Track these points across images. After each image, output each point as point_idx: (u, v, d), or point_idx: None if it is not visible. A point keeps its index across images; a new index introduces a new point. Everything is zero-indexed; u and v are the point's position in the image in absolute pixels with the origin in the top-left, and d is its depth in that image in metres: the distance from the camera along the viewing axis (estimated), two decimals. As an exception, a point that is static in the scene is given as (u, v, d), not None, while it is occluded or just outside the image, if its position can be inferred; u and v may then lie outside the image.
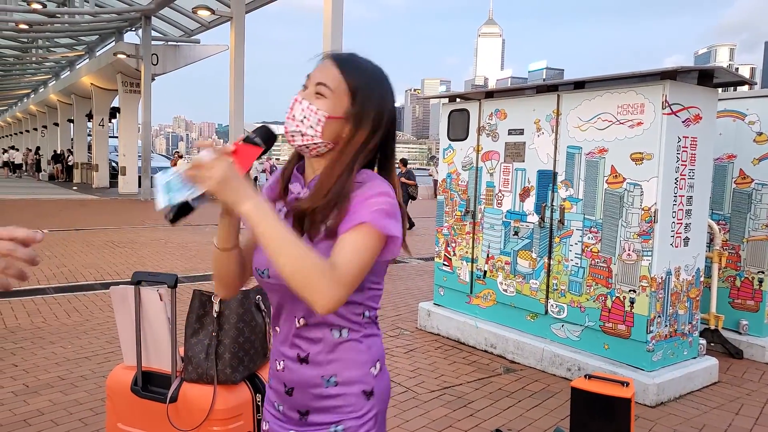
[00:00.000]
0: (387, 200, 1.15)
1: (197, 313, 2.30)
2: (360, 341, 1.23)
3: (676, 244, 3.92)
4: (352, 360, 1.22)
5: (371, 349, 1.25)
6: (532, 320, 4.57)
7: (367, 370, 1.23)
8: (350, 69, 1.20)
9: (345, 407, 1.22)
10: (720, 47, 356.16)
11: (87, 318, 5.41)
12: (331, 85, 1.18)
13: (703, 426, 3.52)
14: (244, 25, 13.79)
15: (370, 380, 1.24)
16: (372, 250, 1.13)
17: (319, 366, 1.22)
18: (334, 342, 1.22)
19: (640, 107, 3.82)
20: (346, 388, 1.22)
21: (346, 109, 1.19)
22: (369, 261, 1.13)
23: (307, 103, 1.18)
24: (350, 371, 1.22)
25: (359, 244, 1.11)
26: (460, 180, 5.17)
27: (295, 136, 1.20)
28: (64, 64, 28.78)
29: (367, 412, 1.23)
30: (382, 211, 1.13)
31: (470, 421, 3.48)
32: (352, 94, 1.19)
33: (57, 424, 3.28)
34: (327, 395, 1.22)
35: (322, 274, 1.05)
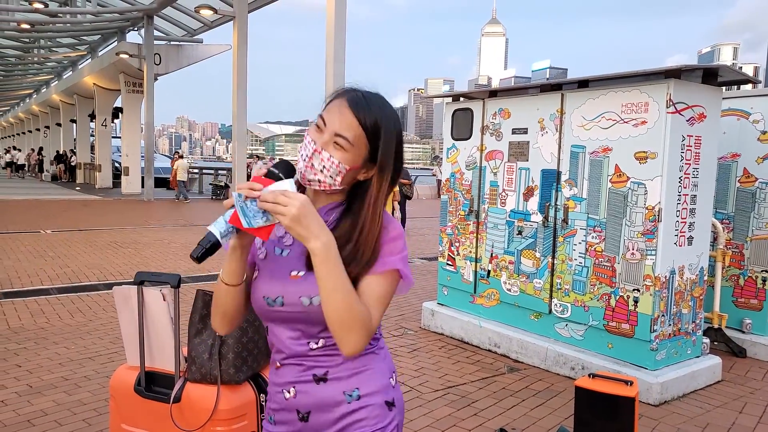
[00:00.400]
0: (405, 244, 1.25)
1: (200, 313, 2.29)
2: (377, 353, 1.27)
3: (680, 243, 3.91)
4: (374, 370, 1.24)
5: (387, 359, 1.30)
6: (536, 319, 4.57)
7: (387, 380, 1.26)
8: (368, 116, 1.19)
9: (368, 420, 1.21)
10: (724, 46, 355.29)
11: (90, 318, 5.42)
12: (350, 137, 1.18)
13: (706, 425, 3.51)
14: (247, 24, 13.79)
15: (390, 390, 1.26)
16: (393, 294, 1.23)
17: (339, 382, 1.22)
18: (355, 357, 1.22)
19: (645, 106, 3.81)
20: (370, 399, 1.22)
21: (365, 157, 1.21)
22: (389, 302, 1.23)
23: (327, 155, 1.18)
24: (372, 382, 1.23)
25: (388, 292, 1.21)
26: (463, 179, 5.16)
27: (312, 183, 1.22)
28: (67, 64, 28.84)
29: (389, 423, 1.23)
30: (405, 258, 1.23)
31: (474, 421, 3.47)
32: (371, 143, 1.20)
33: (61, 424, 3.28)
34: (349, 411, 1.21)
35: (363, 327, 1.14)
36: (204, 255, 1.11)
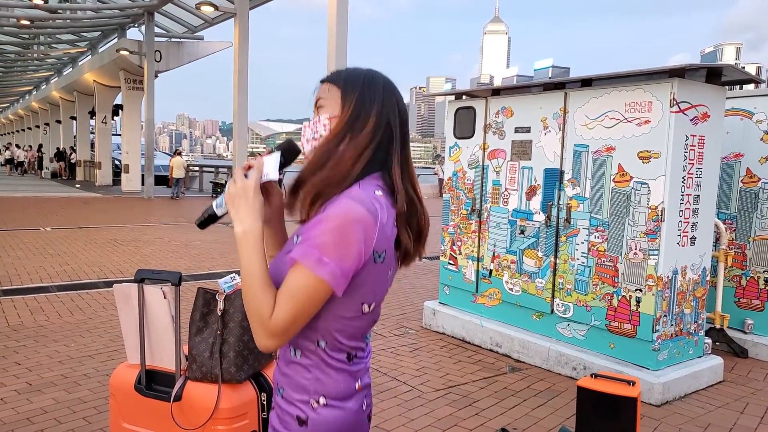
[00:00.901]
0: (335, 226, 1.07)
1: (201, 311, 2.28)
2: (308, 369, 1.18)
3: (683, 243, 3.89)
4: (295, 382, 1.21)
5: (319, 381, 1.18)
6: (538, 319, 4.55)
7: (305, 398, 1.19)
8: (334, 75, 1.25)
9: (285, 423, 1.21)
10: (726, 46, 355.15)
11: (90, 316, 5.41)
12: (324, 94, 1.24)
13: (708, 425, 3.50)
14: (248, 21, 13.75)
15: (306, 409, 1.19)
16: (308, 293, 1.08)
17: (278, 373, 1.27)
18: (288, 358, 1.22)
19: (648, 105, 3.79)
20: (286, 405, 1.22)
21: (340, 102, 1.21)
22: (306, 305, 1.09)
23: (313, 120, 1.25)
24: (291, 391, 1.21)
25: (294, 288, 1.08)
26: (466, 178, 5.14)
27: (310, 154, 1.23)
28: (66, 61, 28.78)
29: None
30: (320, 246, 1.07)
31: (475, 420, 3.46)
32: (338, 87, 1.22)
33: (60, 422, 3.27)
34: (277, 403, 1.25)
35: (260, 323, 1.10)
36: (204, 222, 1.26)
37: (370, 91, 1.21)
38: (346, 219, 1.07)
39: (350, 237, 1.07)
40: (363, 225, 1.08)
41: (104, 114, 23.82)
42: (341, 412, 1.19)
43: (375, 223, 1.10)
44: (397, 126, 1.22)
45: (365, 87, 1.21)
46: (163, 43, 19.92)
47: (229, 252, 9.13)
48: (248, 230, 1.13)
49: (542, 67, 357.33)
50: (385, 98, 1.22)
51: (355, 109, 1.18)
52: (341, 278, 1.08)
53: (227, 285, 2.25)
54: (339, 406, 1.19)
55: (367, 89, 1.21)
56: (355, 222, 1.08)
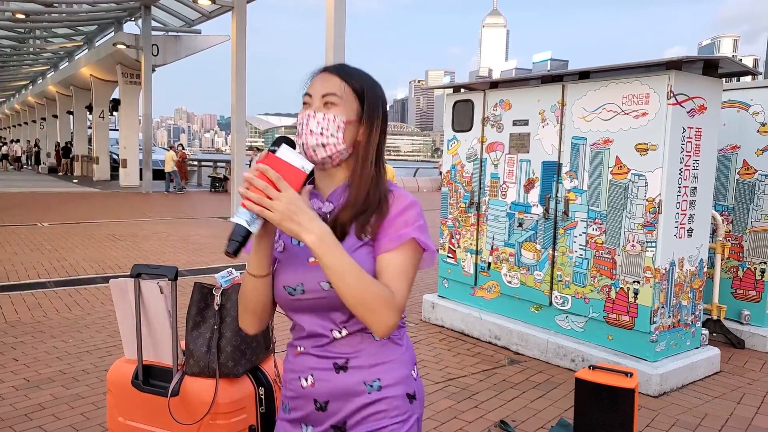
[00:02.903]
0: (420, 212, 1.22)
1: (198, 305, 2.27)
2: (399, 343, 1.26)
3: (680, 235, 3.90)
4: (395, 362, 1.22)
5: (409, 350, 1.28)
6: (537, 312, 4.56)
7: (408, 372, 1.25)
8: (349, 75, 1.23)
9: (389, 411, 1.20)
10: (724, 38, 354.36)
11: (88, 312, 5.41)
12: (338, 92, 1.21)
13: (705, 415, 3.52)
14: (246, 15, 13.69)
15: (412, 383, 1.24)
16: (416, 266, 1.20)
17: (360, 371, 1.20)
18: (377, 345, 1.21)
19: (645, 97, 3.78)
20: (391, 391, 1.20)
21: (357, 111, 1.22)
22: (414, 277, 1.20)
23: (322, 114, 1.19)
24: (394, 373, 1.22)
25: (408, 265, 1.17)
26: (464, 171, 5.14)
27: (317, 150, 1.20)
28: (63, 55, 28.63)
29: (410, 416, 1.22)
30: (422, 227, 1.20)
31: (474, 413, 3.47)
32: (359, 96, 1.23)
33: (58, 418, 3.27)
34: (370, 402, 1.20)
35: (386, 304, 1.11)
36: (239, 247, 1.09)
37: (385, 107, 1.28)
38: (419, 203, 1.23)
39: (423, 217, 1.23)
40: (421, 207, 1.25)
41: (101, 108, 23.71)
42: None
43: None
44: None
45: (384, 105, 1.27)
46: (161, 37, 19.81)
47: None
48: (322, 235, 1.08)
49: (540, 59, 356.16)
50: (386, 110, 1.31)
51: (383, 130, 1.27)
52: (432, 251, 1.21)
53: (224, 280, 2.25)
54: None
55: (384, 106, 1.28)
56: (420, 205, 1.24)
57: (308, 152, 1.20)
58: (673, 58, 3.72)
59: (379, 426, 1.19)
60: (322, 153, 1.20)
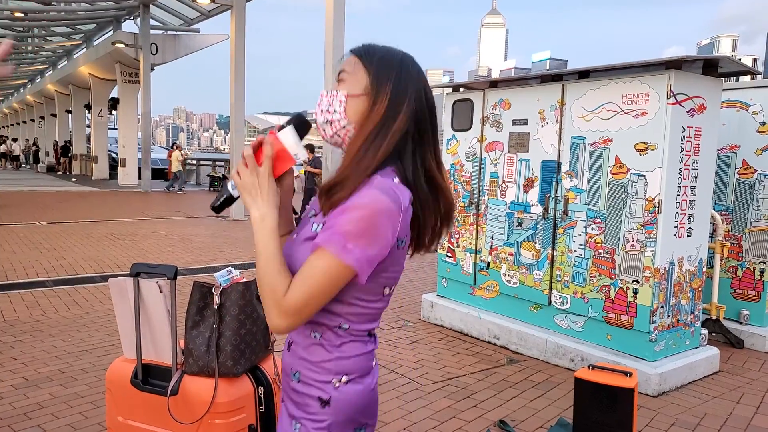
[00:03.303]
0: (361, 216, 1.07)
1: (198, 304, 2.27)
2: (329, 350, 1.20)
3: (680, 234, 3.90)
4: (315, 364, 1.21)
5: (340, 361, 1.20)
6: (536, 311, 4.56)
7: (327, 378, 1.20)
8: (365, 50, 1.21)
9: (303, 406, 1.22)
10: (723, 38, 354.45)
11: (87, 311, 5.40)
12: (348, 68, 1.20)
13: (704, 415, 3.52)
14: (245, 13, 13.67)
15: (328, 389, 1.20)
16: (329, 277, 1.09)
17: (293, 357, 1.25)
18: (308, 341, 1.22)
19: (645, 97, 3.78)
20: (305, 388, 1.22)
21: (365, 85, 1.18)
22: (326, 287, 1.09)
23: (327, 91, 1.21)
24: (311, 373, 1.21)
25: (314, 271, 1.09)
26: (463, 171, 5.13)
27: (325, 128, 1.21)
28: (61, 54, 28.57)
29: (321, 420, 1.21)
30: (347, 234, 1.07)
31: (474, 412, 3.47)
32: (368, 70, 1.18)
33: (57, 417, 3.27)
34: (293, 388, 1.25)
35: (274, 302, 1.11)
36: (221, 206, 1.23)
37: (403, 83, 1.17)
38: (374, 210, 1.08)
39: (378, 227, 1.08)
40: (389, 215, 1.09)
41: (100, 107, 23.67)
42: (361, 387, 1.22)
43: (399, 211, 1.11)
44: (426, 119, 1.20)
45: (399, 77, 1.17)
46: (159, 36, 19.78)
47: (226, 246, 9.12)
48: (265, 216, 1.15)
49: (540, 59, 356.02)
50: (418, 89, 1.19)
51: (390, 105, 1.16)
52: (366, 265, 1.09)
53: (224, 279, 2.24)
54: (360, 382, 1.22)
55: (402, 80, 1.17)
56: (382, 213, 1.08)
57: (320, 132, 1.22)
58: (672, 58, 3.71)
59: (297, 415, 1.22)
60: (329, 130, 1.20)
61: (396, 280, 1.22)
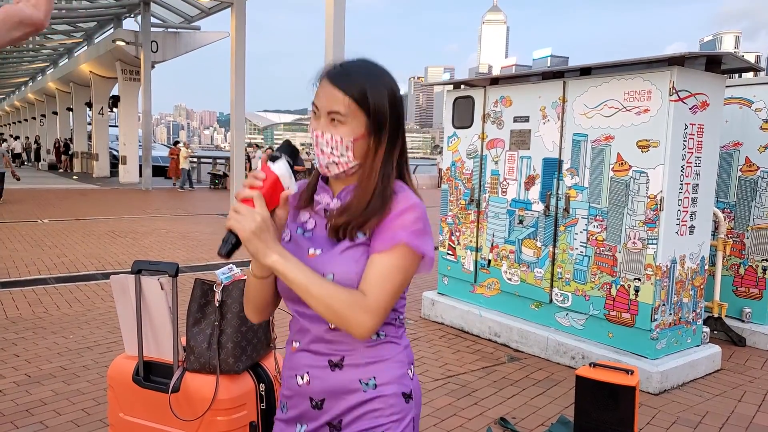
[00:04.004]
0: (420, 215, 1.18)
1: (199, 302, 2.27)
2: (396, 342, 1.25)
3: (682, 232, 3.89)
4: (391, 360, 1.22)
5: (406, 350, 1.28)
6: (537, 309, 4.55)
7: (405, 371, 1.24)
8: (351, 85, 1.18)
9: (384, 410, 1.19)
10: (725, 34, 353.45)
11: (89, 308, 5.40)
12: (341, 110, 1.18)
13: (705, 413, 3.51)
14: (245, 11, 13.66)
15: (408, 382, 1.23)
16: (407, 270, 1.17)
17: (355, 369, 1.20)
18: (373, 343, 1.21)
19: (647, 94, 3.77)
20: (386, 389, 1.20)
21: (366, 125, 1.20)
22: (403, 282, 1.17)
23: (329, 135, 1.19)
24: (390, 372, 1.21)
25: (393, 268, 1.15)
26: (464, 168, 5.13)
27: (330, 167, 1.22)
28: (62, 52, 28.57)
29: (406, 416, 1.21)
30: (419, 231, 1.17)
31: (474, 410, 3.47)
32: (366, 112, 1.19)
33: (59, 413, 3.27)
34: (365, 400, 1.19)
35: (351, 308, 1.11)
36: (231, 251, 1.13)
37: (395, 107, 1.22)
38: (422, 208, 1.20)
39: (428, 221, 1.20)
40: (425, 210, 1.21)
41: (101, 105, 23.67)
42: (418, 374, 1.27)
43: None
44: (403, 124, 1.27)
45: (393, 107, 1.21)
46: (160, 34, 19.78)
47: (227, 243, 9.11)
48: (282, 252, 1.12)
49: (541, 56, 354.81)
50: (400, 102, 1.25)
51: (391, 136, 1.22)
52: (429, 257, 1.18)
53: (225, 276, 2.24)
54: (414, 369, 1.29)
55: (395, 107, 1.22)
56: (425, 209, 1.21)
57: (322, 169, 1.23)
58: (675, 54, 3.70)
59: (375, 424, 1.18)
60: (335, 170, 1.22)
61: None
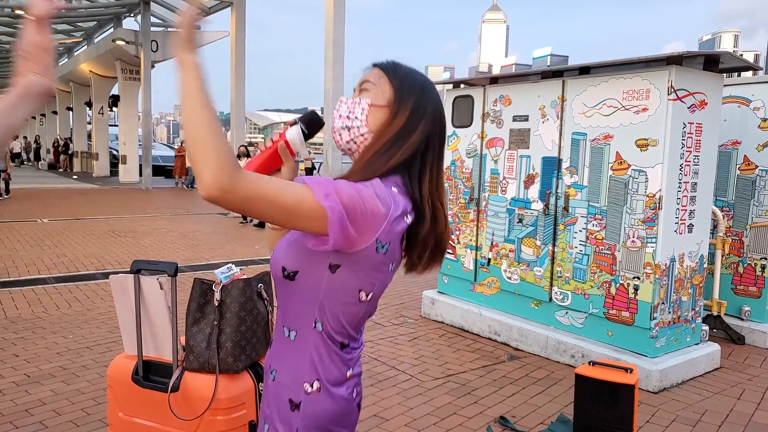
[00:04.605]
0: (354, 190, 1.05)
1: (198, 301, 2.27)
2: (303, 351, 1.18)
3: (681, 230, 3.89)
4: (288, 363, 1.20)
5: (313, 365, 1.17)
6: (536, 307, 4.56)
7: (299, 381, 1.18)
8: (392, 66, 1.24)
9: (273, 404, 1.22)
10: (724, 33, 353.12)
11: (88, 308, 5.41)
12: (373, 79, 1.22)
13: (705, 411, 3.52)
14: (245, 10, 13.67)
15: (299, 393, 1.18)
16: (293, 199, 1.01)
17: (271, 355, 1.26)
18: (284, 339, 1.22)
19: (646, 93, 3.77)
20: (278, 388, 1.21)
21: (389, 98, 1.20)
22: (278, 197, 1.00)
23: (351, 99, 1.23)
24: (283, 373, 1.21)
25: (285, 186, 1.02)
26: (464, 167, 5.13)
27: (342, 133, 1.22)
28: (62, 51, 28.56)
29: (287, 422, 1.19)
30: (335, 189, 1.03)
31: (474, 409, 3.47)
32: (393, 85, 1.21)
33: (59, 413, 3.27)
34: (268, 385, 1.25)
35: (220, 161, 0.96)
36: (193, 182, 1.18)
37: (424, 102, 1.22)
38: (366, 196, 1.06)
39: (364, 203, 1.05)
40: (375, 212, 1.06)
41: (101, 105, 23.66)
42: (331, 398, 1.18)
43: (386, 213, 1.08)
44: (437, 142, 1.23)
45: (421, 96, 1.22)
46: (160, 33, 19.77)
47: (227, 243, 9.13)
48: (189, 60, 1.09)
49: (540, 55, 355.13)
50: (435, 113, 1.23)
51: (409, 120, 1.19)
52: (338, 224, 1.02)
53: (224, 275, 2.25)
54: (331, 391, 1.18)
55: (423, 99, 1.22)
56: (372, 197, 1.06)
57: (335, 137, 1.23)
58: (673, 54, 3.70)
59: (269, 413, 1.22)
60: (346, 135, 1.21)
61: (374, 287, 1.16)
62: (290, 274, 1.15)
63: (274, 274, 1.20)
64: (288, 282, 1.17)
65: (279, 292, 1.21)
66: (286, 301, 1.19)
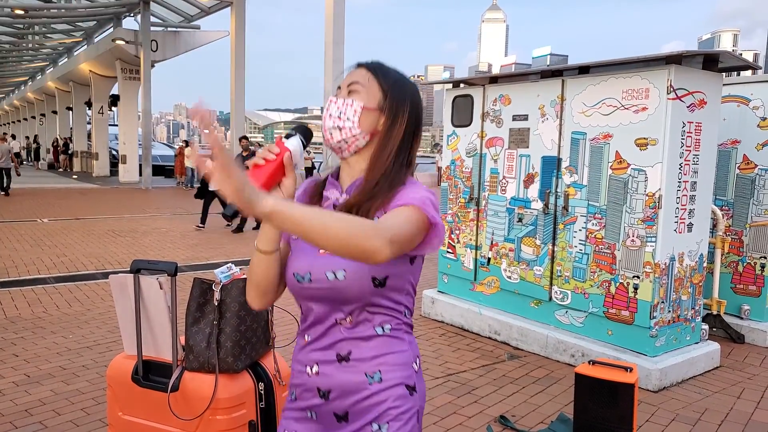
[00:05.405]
0: (430, 197, 1.18)
1: (198, 301, 2.27)
2: (402, 338, 1.26)
3: (680, 230, 3.89)
4: (397, 355, 1.24)
5: (412, 344, 1.29)
6: (536, 307, 4.56)
7: (410, 365, 1.26)
8: (378, 70, 1.27)
9: (388, 402, 1.22)
10: (723, 33, 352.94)
11: (88, 308, 5.41)
12: (362, 81, 1.25)
13: (704, 410, 3.52)
14: (245, 10, 13.67)
15: (413, 376, 1.25)
16: (416, 224, 1.14)
17: (361, 363, 1.22)
18: (378, 337, 1.23)
19: (645, 92, 3.77)
20: (392, 383, 1.22)
21: (380, 101, 1.25)
22: (413, 230, 1.13)
23: (341, 100, 1.25)
24: (395, 366, 1.23)
25: (404, 215, 1.13)
26: (464, 167, 5.13)
27: (333, 133, 1.24)
28: (62, 51, 28.55)
29: (410, 408, 1.23)
30: (428, 200, 1.17)
31: (474, 408, 3.48)
32: (383, 89, 1.25)
33: (58, 413, 3.28)
34: (371, 393, 1.22)
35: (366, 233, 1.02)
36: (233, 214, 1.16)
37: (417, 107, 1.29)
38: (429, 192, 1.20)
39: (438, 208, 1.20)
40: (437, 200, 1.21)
41: (101, 104, 23.66)
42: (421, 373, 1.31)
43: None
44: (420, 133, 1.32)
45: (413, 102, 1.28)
46: (159, 33, 19.78)
47: (227, 242, 9.13)
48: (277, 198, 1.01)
49: (540, 54, 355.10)
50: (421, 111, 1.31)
51: (409, 125, 1.26)
52: (441, 227, 1.17)
53: (224, 275, 2.25)
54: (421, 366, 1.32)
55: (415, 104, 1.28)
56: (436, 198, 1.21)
57: (326, 135, 1.25)
58: (673, 53, 3.70)
59: (379, 414, 1.21)
60: (338, 136, 1.24)
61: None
62: (382, 281, 1.20)
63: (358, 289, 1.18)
64: (379, 288, 1.20)
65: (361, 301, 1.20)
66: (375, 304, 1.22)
